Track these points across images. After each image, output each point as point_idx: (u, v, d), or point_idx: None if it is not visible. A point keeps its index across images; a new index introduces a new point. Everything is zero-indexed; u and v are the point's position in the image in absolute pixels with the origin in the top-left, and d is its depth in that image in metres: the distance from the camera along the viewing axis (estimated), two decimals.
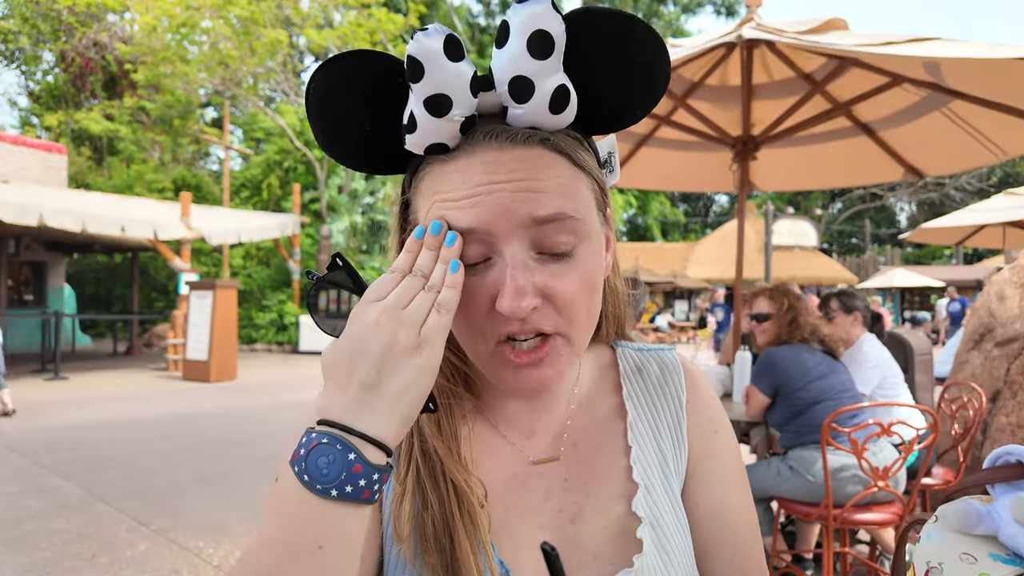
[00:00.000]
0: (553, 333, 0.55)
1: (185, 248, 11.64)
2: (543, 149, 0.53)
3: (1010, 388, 3.41)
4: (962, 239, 8.53)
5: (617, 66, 0.54)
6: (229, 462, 5.18)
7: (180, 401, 8.15)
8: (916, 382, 4.37)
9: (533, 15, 0.49)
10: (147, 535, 3.61)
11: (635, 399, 0.69)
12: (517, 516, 0.62)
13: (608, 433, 0.67)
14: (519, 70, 0.50)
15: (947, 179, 26.56)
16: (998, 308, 3.80)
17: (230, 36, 14.57)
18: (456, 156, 0.53)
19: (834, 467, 2.55)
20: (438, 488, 0.58)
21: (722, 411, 0.73)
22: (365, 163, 0.58)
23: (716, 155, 4.16)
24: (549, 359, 0.55)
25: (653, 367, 0.72)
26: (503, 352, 0.55)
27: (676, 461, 0.68)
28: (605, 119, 0.57)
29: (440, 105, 0.50)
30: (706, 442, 0.70)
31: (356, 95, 0.54)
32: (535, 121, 0.53)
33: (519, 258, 0.52)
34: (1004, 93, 2.97)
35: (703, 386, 0.72)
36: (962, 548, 0.53)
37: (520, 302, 0.51)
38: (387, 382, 0.49)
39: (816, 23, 3.02)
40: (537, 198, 0.52)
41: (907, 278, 18.18)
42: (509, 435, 0.66)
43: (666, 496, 0.65)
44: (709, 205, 36.84)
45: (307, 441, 0.48)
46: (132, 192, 17.08)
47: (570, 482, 0.64)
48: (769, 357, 2.81)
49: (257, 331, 15.57)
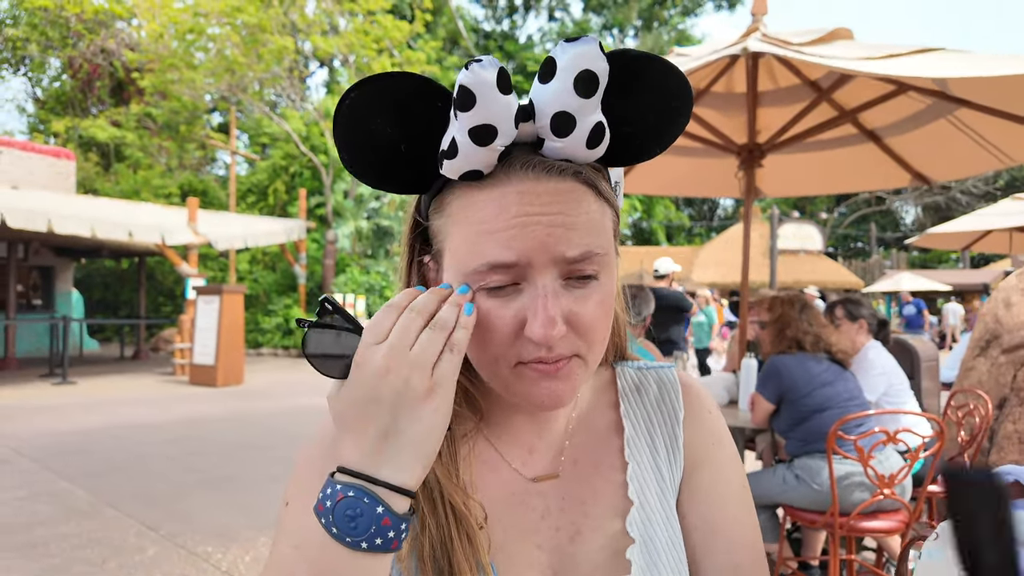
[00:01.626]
0: (572, 355, 0.57)
1: (192, 253, 11.71)
2: (575, 183, 0.55)
3: (1017, 395, 3.41)
4: (968, 244, 8.52)
5: (652, 110, 0.57)
6: (236, 466, 5.21)
7: (187, 405, 8.19)
8: (923, 388, 4.36)
9: (581, 55, 0.50)
10: (156, 540, 3.63)
11: (632, 416, 0.71)
12: (515, 536, 0.62)
13: (605, 449, 0.68)
14: (563, 106, 0.52)
15: (953, 183, 26.45)
16: (1004, 315, 3.79)
17: (237, 43, 14.67)
18: (492, 183, 0.55)
19: (840, 475, 2.55)
20: (436, 511, 0.58)
21: (723, 426, 0.73)
22: (387, 182, 0.58)
23: (722, 161, 4.18)
24: (565, 373, 0.57)
25: (652, 385, 0.73)
26: (521, 371, 0.56)
27: (672, 476, 0.69)
28: (629, 155, 0.60)
29: (486, 135, 0.52)
30: (702, 454, 0.71)
31: (390, 115, 0.55)
32: (570, 155, 0.55)
33: (551, 288, 0.54)
34: (1010, 102, 2.98)
35: (703, 401, 0.74)
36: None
37: (551, 331, 0.53)
38: (405, 429, 0.50)
39: (821, 33, 3.03)
40: (569, 236, 0.54)
41: (913, 282, 18.10)
42: (509, 453, 0.66)
43: (661, 512, 0.66)
44: (714, 209, 36.80)
45: (332, 493, 0.49)
46: (139, 198, 17.18)
47: (567, 500, 0.65)
48: (773, 364, 2.82)
49: (263, 335, 15.64)
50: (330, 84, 23.20)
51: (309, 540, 0.51)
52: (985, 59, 2.48)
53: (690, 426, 0.71)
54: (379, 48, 16.20)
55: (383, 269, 16.09)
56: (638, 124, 0.57)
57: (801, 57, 2.67)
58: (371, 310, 15.10)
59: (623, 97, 0.55)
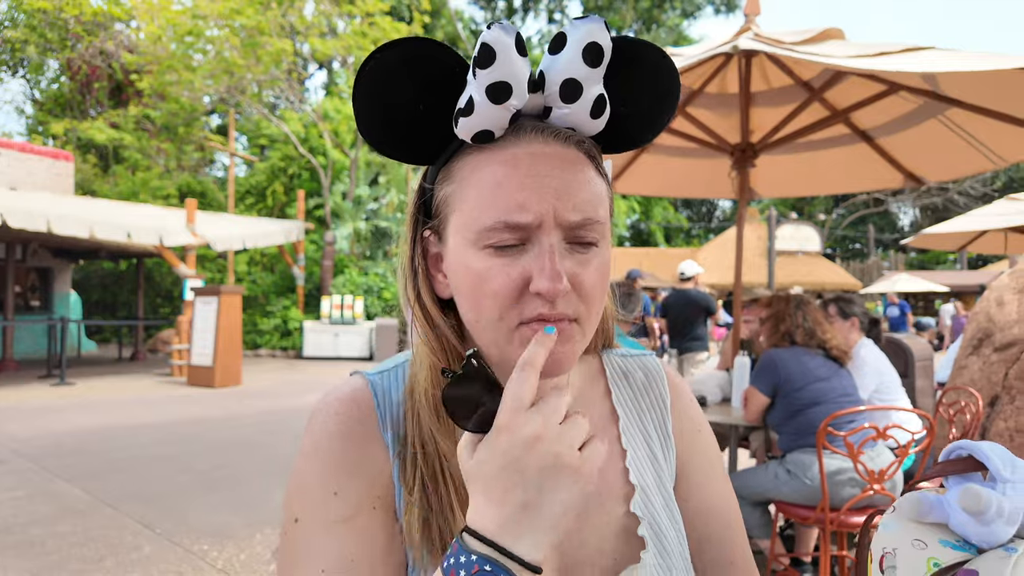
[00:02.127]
0: (575, 319, 0.59)
1: (190, 254, 11.72)
2: (579, 152, 0.59)
3: (1008, 393, 3.43)
4: (964, 244, 8.54)
5: (648, 94, 0.62)
6: (233, 466, 5.23)
7: (185, 406, 8.20)
8: (917, 387, 4.38)
9: (590, 30, 0.55)
10: (152, 538, 3.65)
11: (624, 403, 0.74)
12: None
13: (603, 437, 0.70)
14: (572, 73, 0.56)
15: (950, 184, 26.50)
16: (997, 313, 3.82)
17: (235, 45, 14.70)
18: (502, 146, 0.58)
19: (831, 470, 2.58)
20: (438, 488, 0.60)
21: (701, 412, 0.78)
22: (399, 149, 0.61)
23: (716, 161, 4.20)
24: (565, 337, 0.58)
25: (638, 372, 0.77)
26: (523, 332, 0.57)
27: (666, 460, 0.72)
28: (624, 139, 0.64)
29: (501, 92, 0.55)
30: (690, 441, 0.75)
31: (409, 77, 0.58)
32: (575, 123, 0.59)
33: (557, 247, 0.56)
34: (1000, 101, 3.01)
35: (684, 389, 0.78)
36: (915, 535, 0.57)
37: (558, 284, 0.55)
38: (548, 504, 0.48)
39: (812, 33, 3.06)
40: (574, 200, 0.57)
41: (911, 283, 18.13)
42: None
43: (660, 496, 0.70)
44: (712, 211, 36.83)
45: (466, 562, 0.47)
46: (137, 199, 17.19)
47: None
48: (769, 357, 2.84)
49: (261, 337, 15.64)
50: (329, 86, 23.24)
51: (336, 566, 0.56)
52: (974, 56, 2.51)
53: (676, 413, 0.75)
54: None
55: (382, 270, 16.11)
56: (633, 106, 0.61)
57: (792, 55, 2.69)
58: (369, 311, 15.12)
59: (622, 78, 0.59)
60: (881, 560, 0.58)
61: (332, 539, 0.59)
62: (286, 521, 0.62)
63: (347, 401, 0.65)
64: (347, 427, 0.63)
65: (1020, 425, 3.28)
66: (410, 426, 0.64)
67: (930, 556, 0.55)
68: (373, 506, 0.61)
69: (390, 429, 0.64)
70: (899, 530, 0.58)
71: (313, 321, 14.68)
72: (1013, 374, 3.44)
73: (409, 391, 0.66)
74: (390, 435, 0.64)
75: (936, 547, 0.56)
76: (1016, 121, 3.03)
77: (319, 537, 0.59)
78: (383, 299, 15.42)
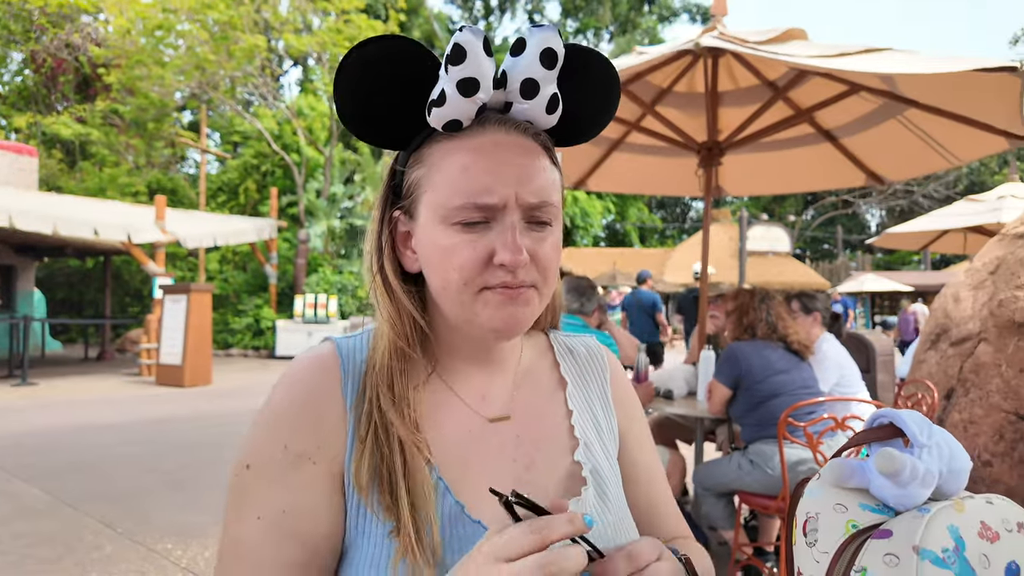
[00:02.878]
0: (533, 286, 0.66)
1: (159, 252, 11.49)
2: (536, 143, 0.68)
3: (963, 386, 3.53)
4: (926, 244, 8.78)
5: (594, 96, 0.71)
6: (200, 466, 5.14)
7: (152, 406, 8.04)
8: (878, 381, 4.49)
9: (546, 37, 0.63)
10: (113, 537, 3.58)
11: (571, 374, 0.82)
12: (476, 467, 0.70)
13: (551, 400, 0.79)
14: (531, 74, 0.64)
15: (915, 186, 27.18)
16: (953, 309, 3.93)
17: (207, 40, 14.45)
18: (470, 135, 0.65)
19: (791, 460, 2.63)
20: (389, 445, 0.65)
21: (635, 396, 0.89)
22: (376, 134, 0.69)
23: (684, 160, 4.26)
24: (524, 299, 0.66)
25: (581, 349, 0.86)
26: (486, 295, 0.65)
27: (608, 426, 0.81)
28: (573, 134, 0.73)
29: (470, 87, 0.62)
30: (628, 410, 0.85)
31: (387, 69, 0.65)
32: (532, 117, 0.67)
33: (518, 225, 0.64)
34: (955, 103, 3.10)
35: (619, 366, 0.89)
36: (836, 500, 0.59)
37: (519, 256, 0.62)
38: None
39: (776, 33, 3.12)
40: (533, 185, 0.65)
41: (877, 283, 18.56)
42: (466, 397, 0.74)
43: (602, 453, 0.77)
44: (686, 212, 37.25)
45: None
46: (105, 196, 16.79)
47: (522, 439, 0.74)
48: (731, 350, 2.89)
49: (233, 336, 15.40)
50: (303, 83, 22.98)
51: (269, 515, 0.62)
52: (929, 58, 2.58)
53: (615, 385, 0.85)
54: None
55: (356, 269, 15.97)
56: (582, 105, 0.71)
57: (756, 54, 2.74)
58: (343, 310, 14.99)
59: (574, 80, 0.68)
60: (804, 525, 0.60)
61: (271, 490, 0.64)
62: (238, 465, 0.66)
63: (314, 361, 0.71)
64: (308, 387, 0.68)
65: (974, 417, 3.38)
66: (368, 385, 0.69)
67: (849, 519, 0.57)
68: (314, 461, 0.65)
69: (350, 385, 0.69)
70: (822, 496, 0.60)
71: (286, 320, 14.50)
72: (968, 368, 3.54)
73: (370, 359, 0.71)
74: (350, 390, 0.69)
75: (856, 510, 0.58)
76: (970, 122, 3.12)
77: (261, 486, 0.64)
78: (358, 298, 15.30)
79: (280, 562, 0.63)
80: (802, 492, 0.64)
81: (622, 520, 0.73)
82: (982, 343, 3.48)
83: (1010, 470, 3.13)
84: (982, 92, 2.78)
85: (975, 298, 3.79)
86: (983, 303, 3.64)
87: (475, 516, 0.66)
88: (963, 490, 0.59)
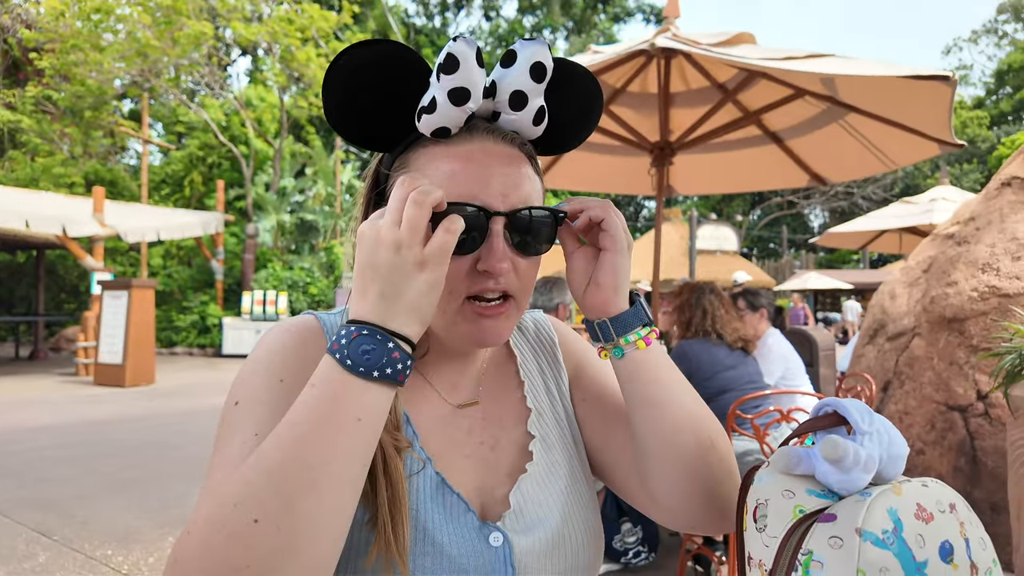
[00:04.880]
0: (511, 296, 0.69)
1: (97, 246, 10.99)
2: (521, 153, 0.70)
3: (898, 378, 3.72)
4: (865, 243, 9.19)
5: (576, 108, 0.73)
6: (142, 468, 4.95)
7: (91, 407, 7.69)
8: (820, 375, 4.67)
9: (536, 51, 0.65)
10: (49, 545, 3.41)
11: (520, 347, 0.87)
12: (447, 449, 0.74)
13: (506, 374, 0.84)
14: (520, 86, 0.66)
15: (855, 188, 28.38)
16: (890, 306, 4.13)
17: (149, 25, 13.86)
18: (457, 142, 0.67)
19: (739, 451, 2.71)
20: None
21: (587, 344, 0.91)
22: (363, 137, 0.69)
23: (637, 159, 4.33)
24: (506, 316, 0.69)
25: (529, 324, 0.91)
26: (469, 307, 0.68)
27: (559, 385, 0.86)
28: (556, 144, 0.75)
29: (461, 96, 0.63)
30: (578, 360, 0.89)
31: (375, 73, 0.66)
32: (519, 128, 0.69)
33: (501, 231, 0.66)
34: (891, 109, 3.25)
35: (567, 330, 0.93)
36: (785, 486, 0.61)
37: (501, 263, 0.65)
38: (401, 293, 0.57)
39: (726, 36, 3.20)
40: (517, 192, 0.67)
41: (819, 281, 19.32)
42: (439, 386, 0.78)
43: (553, 417, 0.82)
44: (639, 211, 37.91)
45: (347, 333, 0.56)
46: (37, 187, 15.93)
47: (488, 420, 0.79)
48: (681, 348, 2.96)
49: (177, 334, 14.87)
50: (253, 73, 22.33)
51: (318, 378, 0.57)
52: (869, 63, 2.70)
53: (564, 347, 0.90)
54: (304, 38, 15.72)
55: (307, 265, 15.63)
56: (566, 117, 0.73)
57: (708, 54, 2.81)
58: (294, 307, 14.66)
59: (558, 92, 0.70)
60: (755, 511, 0.62)
61: (268, 409, 0.64)
62: (226, 408, 0.66)
63: (299, 324, 0.73)
64: (299, 339, 0.71)
65: (908, 408, 3.56)
66: None
67: (797, 504, 0.60)
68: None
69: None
70: (771, 482, 0.63)
71: (233, 317, 14.10)
72: (903, 361, 3.73)
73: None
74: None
75: (803, 496, 0.60)
76: (905, 128, 3.28)
77: (257, 408, 0.64)
78: (309, 294, 14.98)
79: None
80: (752, 480, 0.66)
81: (571, 484, 0.77)
82: (916, 338, 3.67)
83: (940, 457, 3.31)
84: (917, 100, 2.93)
85: (910, 295, 3.99)
86: (917, 300, 3.84)
87: (455, 488, 0.71)
88: (901, 474, 0.62)
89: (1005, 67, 33.83)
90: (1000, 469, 3.01)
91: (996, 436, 3.08)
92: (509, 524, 0.71)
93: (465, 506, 0.70)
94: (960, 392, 3.27)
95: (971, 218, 3.77)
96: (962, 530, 0.57)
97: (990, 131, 30.42)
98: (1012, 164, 3.72)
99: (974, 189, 24.45)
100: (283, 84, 16.35)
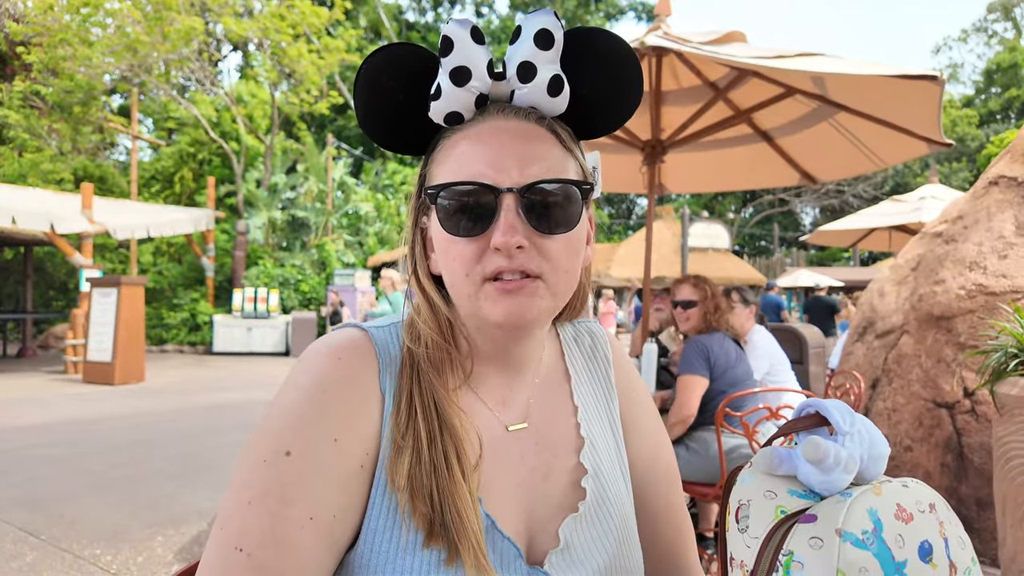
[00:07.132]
0: (536, 275, 0.63)
1: (86, 243, 10.90)
2: (540, 127, 0.66)
3: (887, 376, 3.74)
4: (855, 241, 9.25)
5: (605, 77, 0.67)
6: (132, 466, 4.92)
7: (80, 405, 7.64)
8: (810, 372, 4.69)
9: (540, 20, 0.63)
10: (37, 545, 3.38)
11: (575, 364, 0.81)
12: (497, 475, 0.68)
13: (560, 396, 0.78)
14: (525, 56, 0.63)
15: (846, 187, 28.53)
16: (879, 303, 4.15)
17: (139, 19, 13.74)
18: (471, 125, 0.65)
19: (728, 448, 2.72)
20: (435, 445, 0.63)
21: (637, 373, 0.88)
22: (394, 140, 0.69)
23: (628, 157, 4.33)
24: (530, 292, 0.62)
25: (585, 336, 0.85)
26: (490, 286, 0.63)
27: (610, 411, 0.81)
28: (593, 122, 0.70)
29: (462, 76, 0.63)
30: (628, 392, 0.85)
31: (399, 76, 0.66)
32: (535, 102, 0.66)
33: (512, 206, 0.62)
34: (881, 109, 3.27)
35: (622, 349, 0.89)
36: (767, 487, 0.61)
37: (511, 238, 0.60)
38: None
39: (717, 35, 3.21)
40: (533, 167, 0.63)
41: (810, 278, 19.42)
42: (488, 402, 0.72)
43: (607, 446, 0.78)
44: (632, 208, 37.97)
45: None
46: (25, 183, 15.78)
47: (540, 445, 0.73)
48: (700, 342, 2.86)
49: (168, 331, 14.79)
50: (244, 69, 22.18)
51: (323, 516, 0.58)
52: (858, 62, 2.72)
53: (617, 369, 0.85)
54: (296, 34, 15.63)
55: (299, 262, 15.57)
56: (592, 88, 0.67)
57: (699, 52, 2.82)
58: (285, 305, 14.60)
59: (581, 63, 0.66)
60: (737, 511, 0.63)
61: (326, 488, 0.59)
62: (268, 451, 0.59)
63: (349, 347, 0.66)
64: (350, 373, 0.64)
65: (896, 405, 3.58)
66: (405, 380, 0.66)
67: (778, 504, 0.60)
68: (361, 464, 0.62)
69: (388, 380, 0.66)
70: (753, 483, 0.63)
71: (224, 315, 14.03)
72: (891, 358, 3.76)
73: (408, 351, 0.68)
74: (388, 385, 0.66)
75: (784, 496, 0.61)
76: (894, 127, 3.30)
77: (314, 482, 0.59)
78: (300, 292, 14.92)
79: (325, 568, 0.60)
80: (735, 480, 0.67)
81: (622, 523, 0.74)
82: (904, 335, 3.70)
83: (928, 454, 3.34)
84: (905, 100, 2.95)
85: (898, 293, 4.02)
86: (905, 297, 3.86)
87: (506, 532, 0.66)
88: (882, 474, 0.62)
89: (994, 66, 34.08)
90: (986, 465, 3.04)
91: (982, 433, 3.11)
92: (555, 561, 0.68)
93: (516, 551, 0.66)
94: (947, 389, 3.30)
95: (959, 216, 3.80)
96: (941, 530, 0.58)
97: (979, 130, 30.65)
98: (999, 163, 3.75)
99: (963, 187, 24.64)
100: (274, 80, 16.25)
